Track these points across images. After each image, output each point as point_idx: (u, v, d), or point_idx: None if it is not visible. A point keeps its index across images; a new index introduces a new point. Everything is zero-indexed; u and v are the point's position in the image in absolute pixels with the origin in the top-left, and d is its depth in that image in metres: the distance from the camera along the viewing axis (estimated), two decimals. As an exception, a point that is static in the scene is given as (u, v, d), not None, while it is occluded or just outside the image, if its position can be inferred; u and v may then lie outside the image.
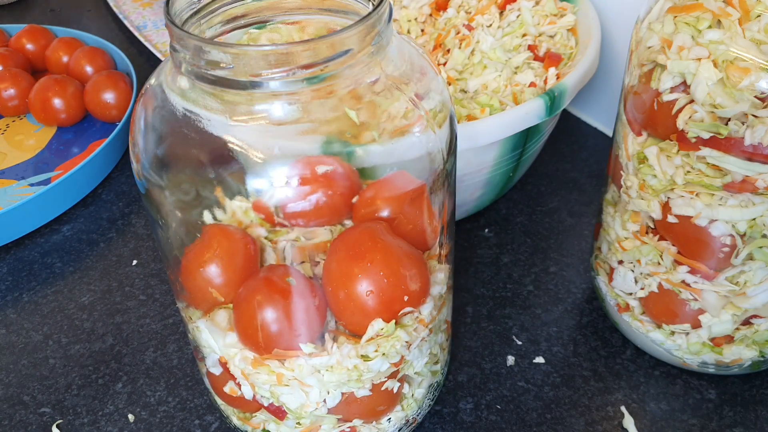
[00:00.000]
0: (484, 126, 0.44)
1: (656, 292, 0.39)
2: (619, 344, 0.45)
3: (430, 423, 0.41)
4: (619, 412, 0.41)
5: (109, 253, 0.54)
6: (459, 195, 0.49)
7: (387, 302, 0.30)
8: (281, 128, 0.27)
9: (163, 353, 0.46)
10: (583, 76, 0.48)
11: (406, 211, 0.31)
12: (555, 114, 0.46)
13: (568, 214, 0.55)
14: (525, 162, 0.51)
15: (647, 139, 0.37)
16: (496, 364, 0.44)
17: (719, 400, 0.41)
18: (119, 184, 0.61)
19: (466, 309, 0.48)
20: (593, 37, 0.51)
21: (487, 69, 0.52)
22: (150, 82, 0.30)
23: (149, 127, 0.29)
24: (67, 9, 0.93)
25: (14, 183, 0.61)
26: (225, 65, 0.25)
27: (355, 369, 0.31)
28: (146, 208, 0.32)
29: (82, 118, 0.68)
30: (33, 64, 0.74)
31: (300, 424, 0.34)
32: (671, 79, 0.34)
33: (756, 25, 0.31)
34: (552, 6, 0.55)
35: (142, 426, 0.42)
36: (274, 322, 0.30)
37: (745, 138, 0.32)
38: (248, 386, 0.33)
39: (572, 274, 0.50)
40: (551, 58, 0.52)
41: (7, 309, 0.50)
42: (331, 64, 0.26)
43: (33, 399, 0.44)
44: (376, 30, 0.27)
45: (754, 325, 0.38)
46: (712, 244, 0.35)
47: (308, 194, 0.28)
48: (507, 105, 0.49)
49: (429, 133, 0.30)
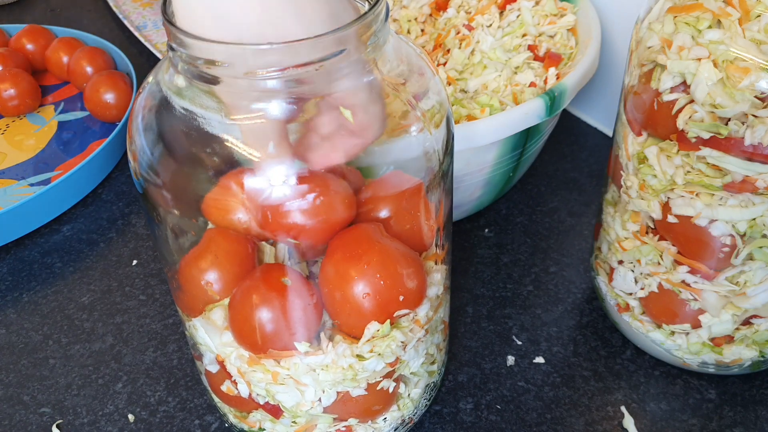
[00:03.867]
0: (484, 126, 0.44)
1: (656, 292, 0.39)
2: (619, 344, 0.45)
3: (430, 423, 0.41)
4: (619, 412, 0.41)
5: (109, 253, 0.54)
6: (459, 195, 0.49)
7: (383, 304, 0.30)
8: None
9: (163, 353, 0.46)
10: (583, 76, 0.48)
11: (403, 211, 0.31)
12: (555, 114, 0.46)
13: (568, 214, 0.55)
14: (525, 162, 0.51)
15: (647, 139, 0.37)
16: (496, 364, 0.44)
17: (719, 400, 0.41)
18: (119, 184, 0.61)
19: (466, 309, 0.48)
20: (593, 37, 0.51)
21: (487, 69, 0.52)
22: (148, 81, 0.30)
23: (147, 125, 0.29)
24: (67, 9, 0.93)
25: (14, 183, 0.61)
26: (221, 64, 0.25)
27: (350, 368, 0.31)
28: (144, 206, 0.32)
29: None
30: (33, 64, 0.74)
31: (296, 423, 0.34)
32: (671, 79, 0.34)
33: (756, 25, 0.31)
34: (552, 6, 0.55)
35: (142, 426, 0.42)
36: (270, 322, 0.30)
37: (745, 138, 0.32)
38: (244, 384, 0.33)
39: (572, 274, 0.50)
40: (551, 58, 0.52)
41: (7, 309, 0.50)
42: (326, 63, 0.26)
43: (33, 399, 0.44)
44: (372, 29, 0.27)
45: (754, 325, 0.38)
46: (712, 244, 0.35)
47: (306, 193, 0.28)
48: (507, 105, 0.49)
49: (426, 133, 0.30)
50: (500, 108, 0.49)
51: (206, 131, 0.28)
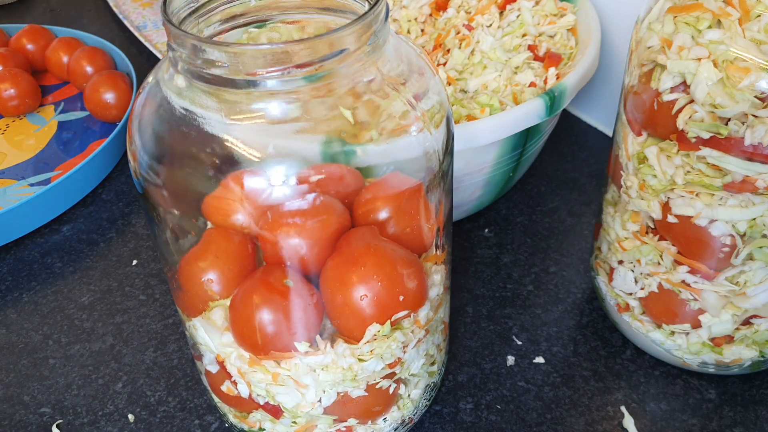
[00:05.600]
0: (485, 126, 0.44)
1: (656, 292, 0.39)
2: (619, 344, 0.45)
3: (430, 423, 0.41)
4: (619, 412, 0.41)
5: (109, 253, 0.54)
6: (459, 195, 0.49)
7: (382, 306, 0.30)
8: (278, 127, 0.27)
9: (163, 353, 0.46)
10: (583, 76, 0.48)
11: (403, 212, 0.31)
12: (555, 114, 0.46)
13: (568, 214, 0.55)
14: (525, 162, 0.51)
15: (647, 139, 0.37)
16: (496, 364, 0.44)
17: (719, 400, 0.41)
18: (119, 184, 0.61)
19: (466, 309, 0.48)
20: (593, 37, 0.51)
21: (487, 69, 0.52)
22: (147, 81, 0.30)
23: (146, 125, 0.29)
24: (67, 9, 0.93)
25: (14, 183, 0.61)
26: (221, 64, 0.25)
27: (350, 369, 0.31)
28: (144, 206, 0.32)
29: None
30: (33, 64, 0.74)
31: (296, 423, 0.34)
32: (671, 79, 0.34)
33: (756, 25, 0.31)
34: (552, 6, 0.55)
35: (142, 426, 0.42)
36: (271, 323, 0.30)
37: (745, 138, 0.32)
38: (245, 385, 0.33)
39: (572, 274, 0.50)
40: (551, 58, 0.52)
41: (7, 309, 0.50)
42: (326, 63, 0.26)
43: (33, 399, 0.44)
44: (372, 29, 0.27)
45: (754, 325, 0.38)
46: (712, 244, 0.35)
47: (306, 193, 0.28)
48: (507, 105, 0.49)
49: (426, 133, 0.30)
50: (500, 108, 0.48)
51: (206, 131, 0.28)
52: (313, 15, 0.32)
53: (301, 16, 0.32)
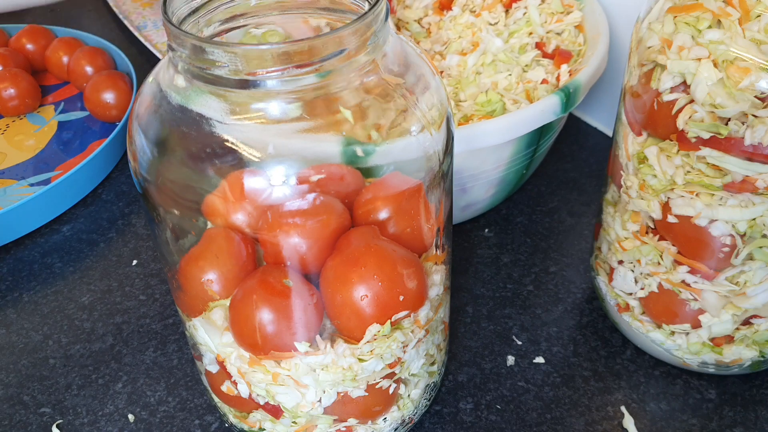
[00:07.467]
0: (502, 124, 0.43)
1: (656, 292, 0.39)
2: (619, 344, 0.45)
3: (430, 423, 0.41)
4: (619, 412, 0.41)
5: (109, 253, 0.54)
6: (473, 193, 0.49)
7: (382, 306, 0.30)
8: (278, 127, 0.27)
9: (163, 353, 0.46)
10: (595, 72, 0.48)
11: (403, 212, 0.31)
12: (570, 110, 0.46)
13: (568, 214, 0.55)
14: (537, 159, 0.51)
15: (647, 139, 0.37)
16: (496, 364, 0.44)
17: (719, 400, 0.41)
18: (119, 184, 0.61)
19: (466, 309, 0.48)
20: (602, 33, 0.51)
21: (497, 69, 0.52)
22: (147, 81, 0.30)
23: (147, 125, 0.29)
24: (67, 9, 0.93)
25: (14, 183, 0.61)
26: (221, 64, 0.25)
27: (350, 369, 0.31)
28: (144, 206, 0.32)
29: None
30: (33, 64, 0.74)
31: (296, 423, 0.34)
32: (671, 79, 0.34)
33: (756, 25, 0.31)
34: (558, 3, 0.55)
35: (142, 426, 0.42)
36: (271, 323, 0.30)
37: (745, 138, 0.32)
38: (245, 385, 0.33)
39: (572, 274, 0.50)
40: (561, 55, 0.52)
41: (7, 309, 0.50)
42: (326, 63, 0.26)
43: (33, 399, 0.44)
44: (372, 29, 0.27)
45: (754, 325, 0.38)
46: (712, 244, 0.35)
47: (306, 193, 0.28)
48: (521, 103, 0.49)
49: (426, 133, 0.30)
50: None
51: (206, 131, 0.28)
52: (314, 15, 0.32)
53: (300, 16, 0.32)
